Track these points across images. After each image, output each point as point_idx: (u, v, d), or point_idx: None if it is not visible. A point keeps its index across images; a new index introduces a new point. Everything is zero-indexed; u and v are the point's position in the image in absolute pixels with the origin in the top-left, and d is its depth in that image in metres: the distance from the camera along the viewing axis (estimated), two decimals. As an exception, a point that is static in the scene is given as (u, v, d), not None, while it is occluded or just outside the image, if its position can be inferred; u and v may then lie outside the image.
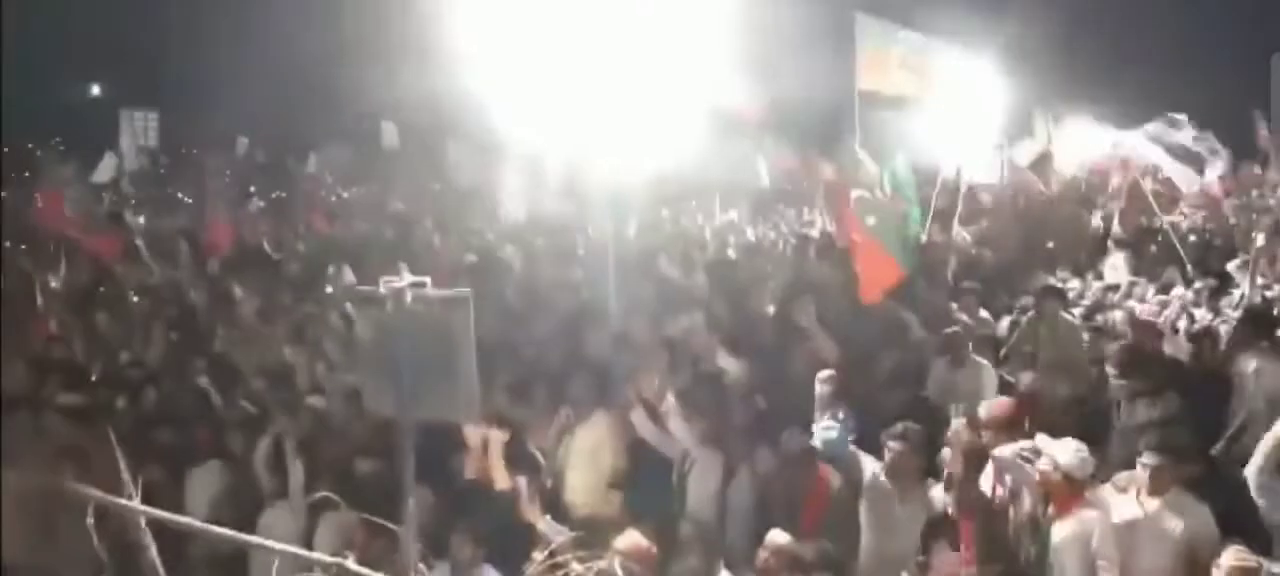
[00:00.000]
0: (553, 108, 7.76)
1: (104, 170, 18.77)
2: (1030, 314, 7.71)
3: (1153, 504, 4.84)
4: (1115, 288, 9.64)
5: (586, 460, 6.06)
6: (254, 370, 8.29)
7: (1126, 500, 4.95)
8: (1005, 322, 8.77)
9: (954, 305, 8.71)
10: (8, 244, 14.10)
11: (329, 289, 10.97)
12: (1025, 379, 6.75)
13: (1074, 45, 30.80)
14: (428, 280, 3.51)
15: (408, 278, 3.50)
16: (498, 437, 5.71)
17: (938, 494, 5.31)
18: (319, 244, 14.80)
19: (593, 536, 4.65)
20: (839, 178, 12.63)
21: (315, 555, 3.41)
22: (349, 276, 12.49)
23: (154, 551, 3.60)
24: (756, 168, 17.81)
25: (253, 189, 13.18)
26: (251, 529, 5.53)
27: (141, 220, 17.63)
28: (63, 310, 10.96)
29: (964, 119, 17.16)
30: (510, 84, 7.93)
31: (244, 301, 9.48)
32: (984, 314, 8.83)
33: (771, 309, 8.67)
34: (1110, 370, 6.27)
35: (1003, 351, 7.90)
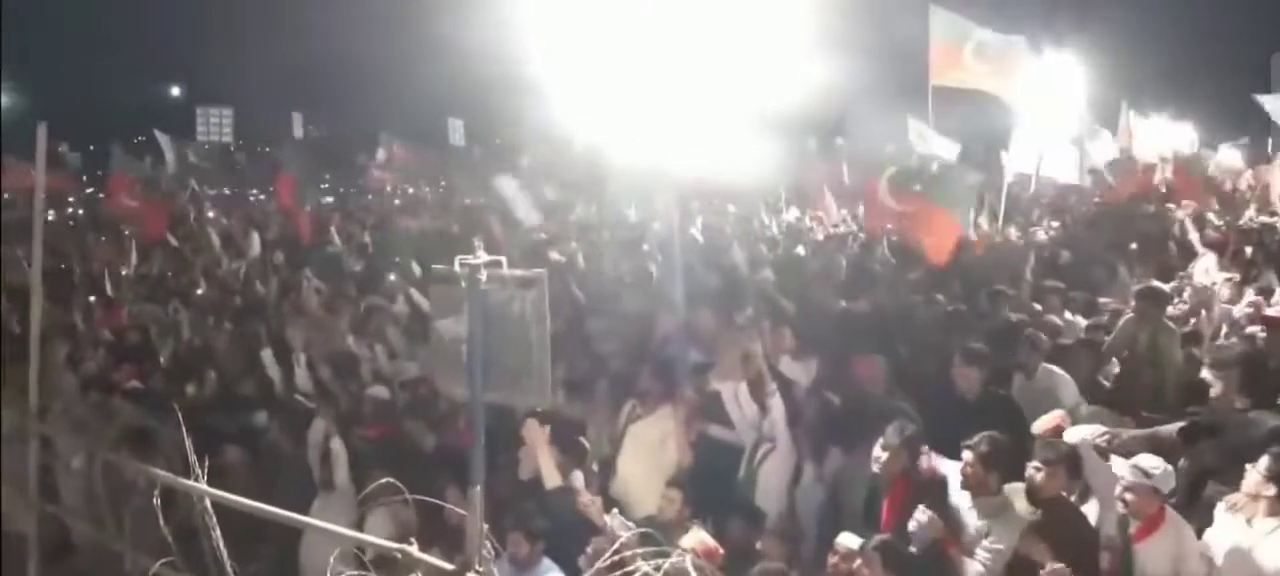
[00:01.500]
0: (621, 103, 7.57)
1: (172, 159, 19.12)
2: (1126, 316, 7.22)
3: (1269, 525, 4.43)
4: (1207, 288, 9.13)
5: (649, 454, 5.85)
6: (319, 358, 8.26)
7: (1236, 521, 4.54)
8: (1083, 325, 8.39)
9: (1037, 306, 8.31)
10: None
11: (392, 277, 10.94)
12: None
13: (1156, 42, 29.83)
14: (503, 259, 3.35)
15: (483, 256, 3.35)
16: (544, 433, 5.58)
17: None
18: (385, 237, 14.85)
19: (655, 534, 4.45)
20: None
21: (380, 542, 3.29)
22: (414, 269, 12.54)
23: (218, 533, 3.52)
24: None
25: (324, 182, 13.16)
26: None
27: (211, 213, 17.99)
28: (135, 298, 11.17)
29: (1040, 114, 16.70)
30: (579, 78, 7.78)
31: (310, 291, 9.47)
32: (1069, 316, 8.41)
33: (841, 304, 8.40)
34: (1216, 375, 5.74)
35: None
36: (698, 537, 4.71)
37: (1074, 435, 4.99)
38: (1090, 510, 4.79)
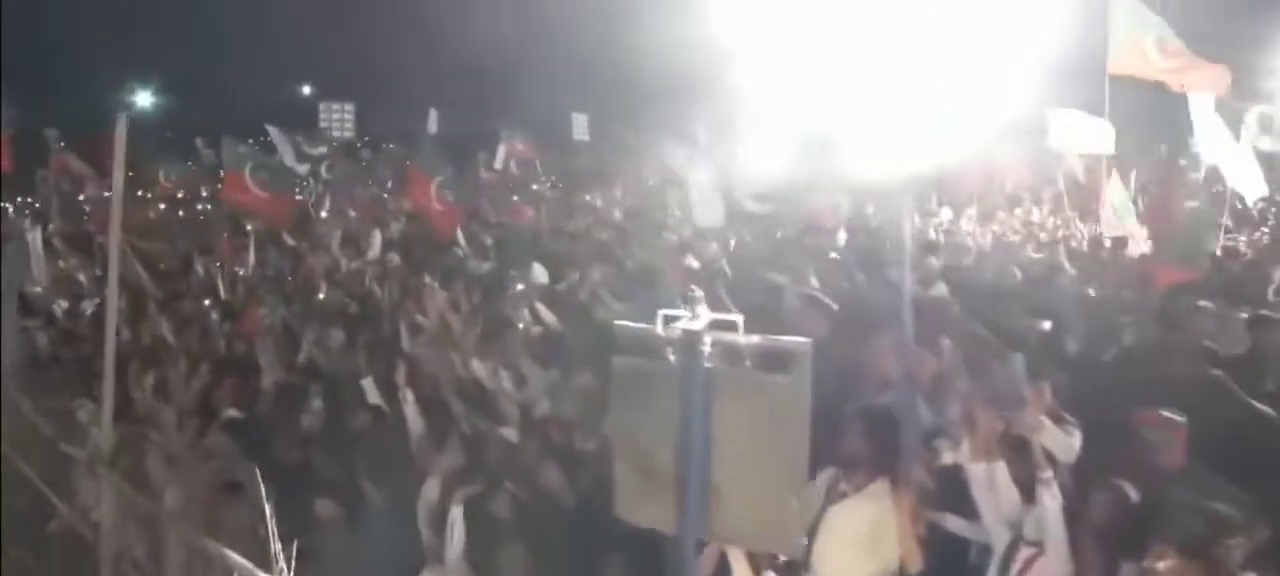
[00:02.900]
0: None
1: (291, 155, 18.58)
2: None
3: None
4: None
5: (855, 549, 4.41)
6: (444, 385, 7.17)
7: None
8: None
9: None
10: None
11: (519, 287, 9.82)
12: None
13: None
14: (737, 318, 2.04)
15: (703, 313, 2.04)
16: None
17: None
18: (510, 238, 13.83)
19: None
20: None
21: None
22: (540, 275, 11.43)
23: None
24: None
25: (442, 178, 12.12)
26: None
27: (324, 213, 17.36)
28: (254, 301, 10.39)
29: (1225, 114, 14.72)
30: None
31: (433, 301, 8.40)
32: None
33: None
34: None
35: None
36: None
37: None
38: None
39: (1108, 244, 13.60)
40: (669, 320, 2.02)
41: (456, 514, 4.96)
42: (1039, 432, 4.26)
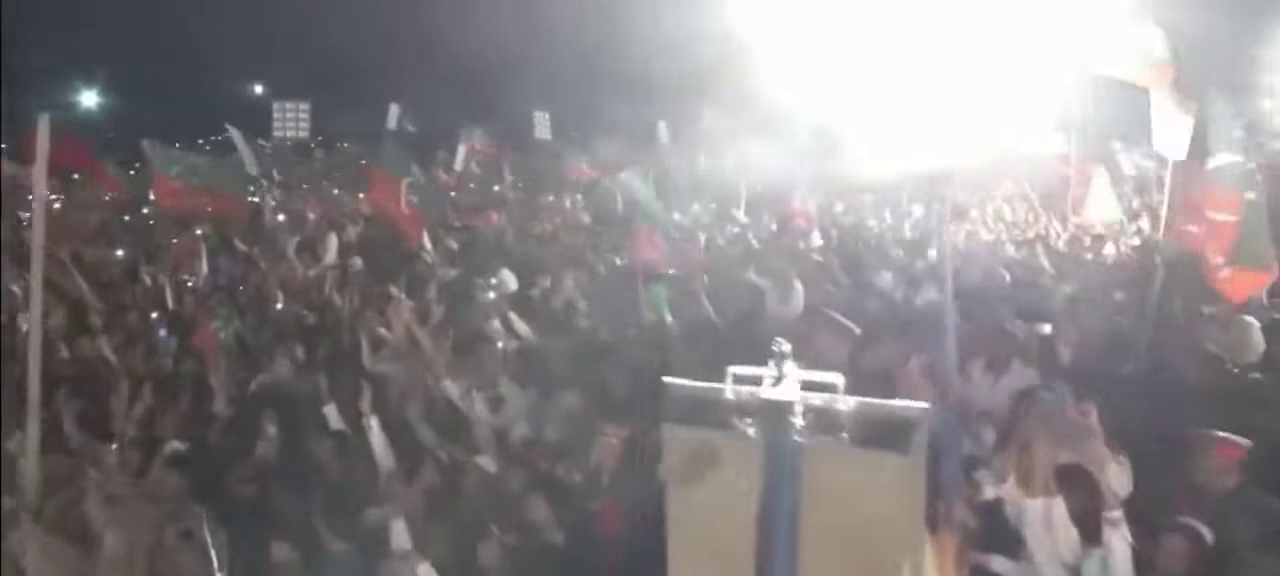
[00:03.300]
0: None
1: (249, 157, 17.75)
2: None
3: None
4: None
5: None
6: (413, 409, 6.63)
7: None
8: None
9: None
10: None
11: (490, 295, 9.29)
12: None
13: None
14: (835, 378, 1.57)
15: (790, 372, 1.57)
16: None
17: None
18: (477, 242, 13.27)
19: None
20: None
21: None
22: (509, 281, 10.89)
23: None
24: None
25: (410, 180, 11.43)
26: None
27: (281, 217, 16.61)
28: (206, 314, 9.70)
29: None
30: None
31: (397, 312, 7.83)
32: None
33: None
34: None
35: None
36: None
37: None
38: None
39: (1088, 242, 13.39)
40: (742, 381, 1.54)
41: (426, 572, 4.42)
42: (1103, 465, 3.82)
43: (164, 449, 5.79)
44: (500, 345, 6.94)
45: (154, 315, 9.67)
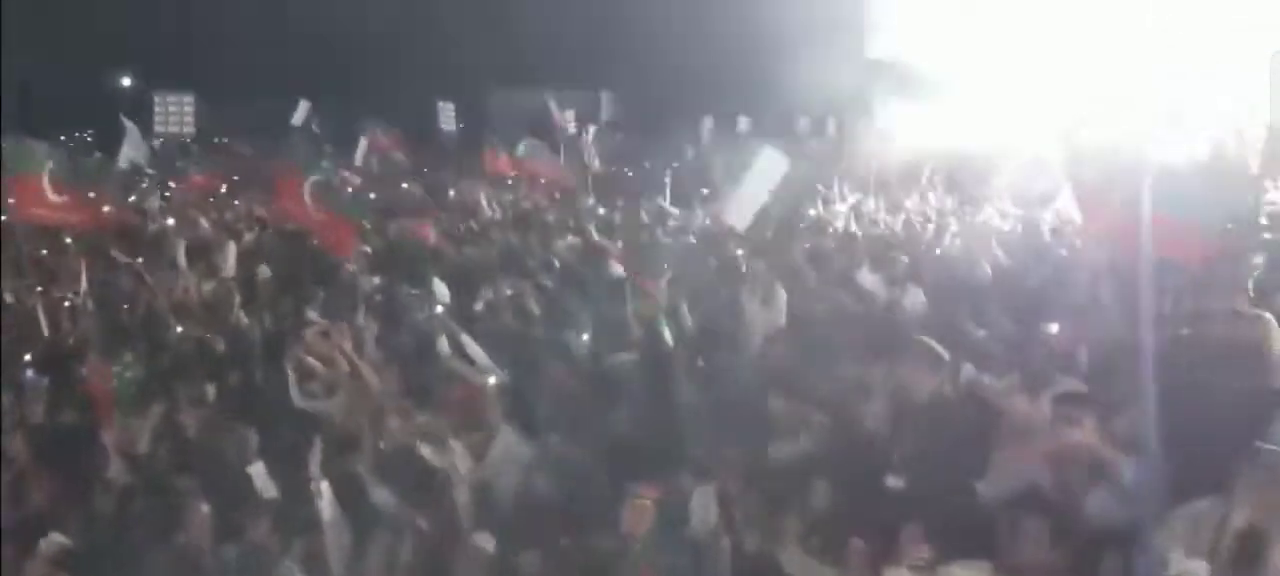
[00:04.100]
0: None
1: (126, 154, 15.81)
2: None
3: None
4: None
5: None
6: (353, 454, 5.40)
7: None
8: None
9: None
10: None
11: (437, 309, 8.02)
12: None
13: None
14: None
15: None
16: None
17: None
18: (402, 246, 11.89)
19: None
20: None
21: None
22: (442, 292, 9.61)
23: None
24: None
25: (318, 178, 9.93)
26: None
27: (170, 221, 14.72)
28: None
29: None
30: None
31: (337, 333, 6.55)
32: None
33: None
34: None
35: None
36: None
37: None
38: None
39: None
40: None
41: None
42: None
43: (42, 544, 4.39)
44: (492, 381, 5.66)
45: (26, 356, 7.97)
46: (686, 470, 4.63)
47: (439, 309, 7.62)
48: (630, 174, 23.98)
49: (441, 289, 9.61)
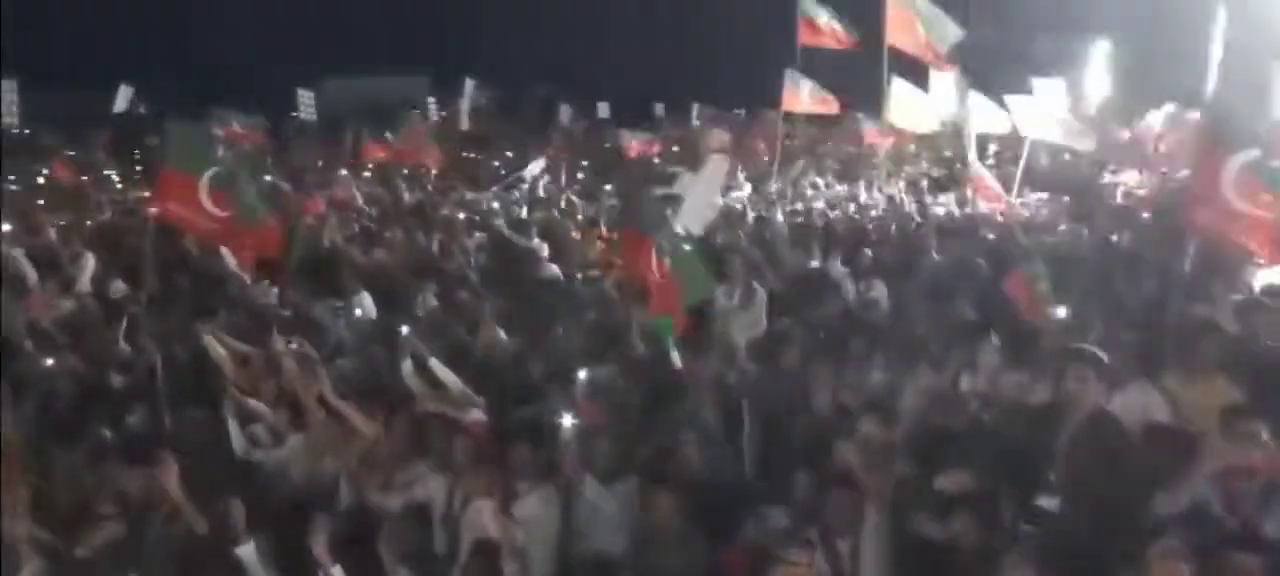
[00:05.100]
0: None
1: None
2: None
3: None
4: None
5: None
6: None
7: None
8: None
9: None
10: None
11: (402, 329, 6.76)
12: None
13: None
14: None
15: None
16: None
17: None
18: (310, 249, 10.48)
19: None
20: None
21: None
22: (365, 305, 8.42)
23: None
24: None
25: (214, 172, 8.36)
26: None
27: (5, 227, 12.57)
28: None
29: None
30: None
31: (307, 366, 5.36)
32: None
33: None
34: None
35: None
36: None
37: None
38: None
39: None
40: None
41: None
42: None
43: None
44: (568, 422, 4.59)
45: None
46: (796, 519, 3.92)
47: (403, 329, 6.43)
48: (496, 163, 23.18)
49: (366, 301, 8.45)
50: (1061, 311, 6.39)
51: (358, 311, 8.11)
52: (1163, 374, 4.97)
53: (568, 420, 4.46)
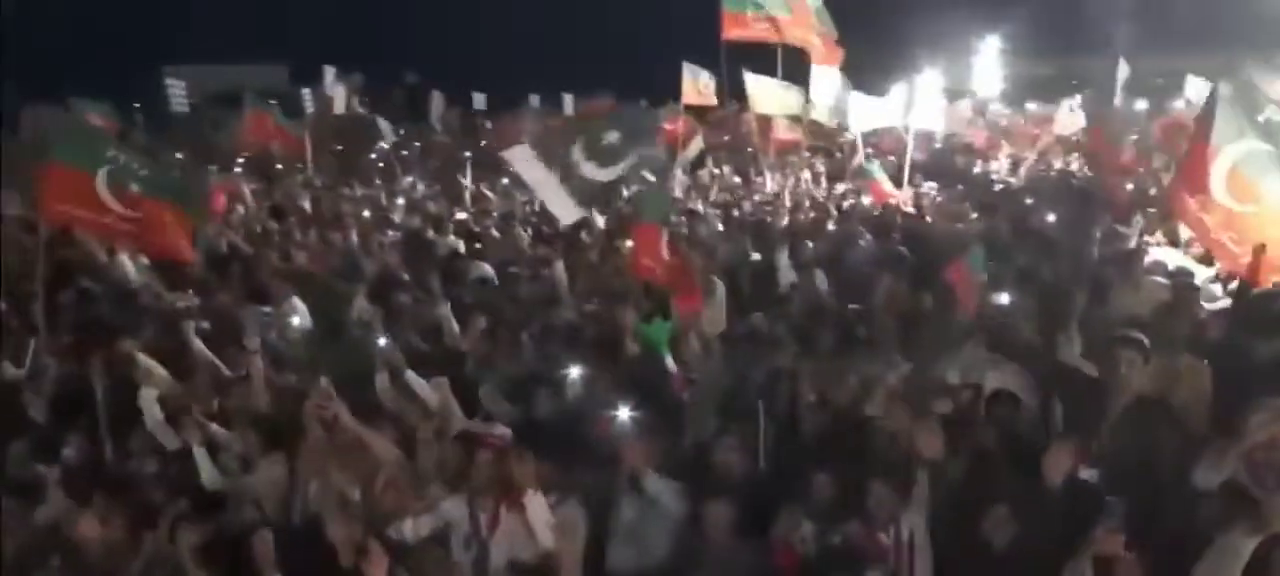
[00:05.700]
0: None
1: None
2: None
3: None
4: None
5: None
6: None
7: None
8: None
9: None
10: None
11: (381, 342, 6.24)
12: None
13: None
14: None
15: None
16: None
17: None
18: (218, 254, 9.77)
19: None
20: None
21: None
22: (298, 311, 7.88)
23: None
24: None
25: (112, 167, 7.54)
26: None
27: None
28: None
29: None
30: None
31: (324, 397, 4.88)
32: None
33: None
34: None
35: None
36: None
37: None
38: None
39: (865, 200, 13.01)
40: None
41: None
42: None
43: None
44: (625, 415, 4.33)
45: None
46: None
47: (382, 342, 5.98)
48: (373, 155, 22.48)
49: (299, 307, 7.89)
50: (1003, 298, 6.55)
51: (296, 320, 7.54)
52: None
53: (624, 413, 4.30)
